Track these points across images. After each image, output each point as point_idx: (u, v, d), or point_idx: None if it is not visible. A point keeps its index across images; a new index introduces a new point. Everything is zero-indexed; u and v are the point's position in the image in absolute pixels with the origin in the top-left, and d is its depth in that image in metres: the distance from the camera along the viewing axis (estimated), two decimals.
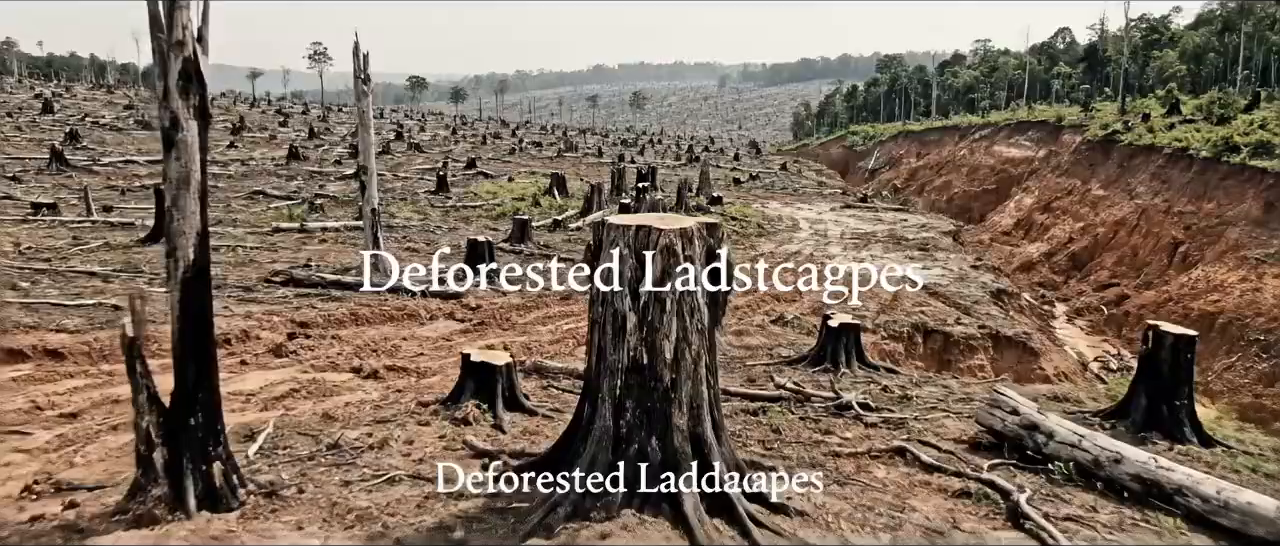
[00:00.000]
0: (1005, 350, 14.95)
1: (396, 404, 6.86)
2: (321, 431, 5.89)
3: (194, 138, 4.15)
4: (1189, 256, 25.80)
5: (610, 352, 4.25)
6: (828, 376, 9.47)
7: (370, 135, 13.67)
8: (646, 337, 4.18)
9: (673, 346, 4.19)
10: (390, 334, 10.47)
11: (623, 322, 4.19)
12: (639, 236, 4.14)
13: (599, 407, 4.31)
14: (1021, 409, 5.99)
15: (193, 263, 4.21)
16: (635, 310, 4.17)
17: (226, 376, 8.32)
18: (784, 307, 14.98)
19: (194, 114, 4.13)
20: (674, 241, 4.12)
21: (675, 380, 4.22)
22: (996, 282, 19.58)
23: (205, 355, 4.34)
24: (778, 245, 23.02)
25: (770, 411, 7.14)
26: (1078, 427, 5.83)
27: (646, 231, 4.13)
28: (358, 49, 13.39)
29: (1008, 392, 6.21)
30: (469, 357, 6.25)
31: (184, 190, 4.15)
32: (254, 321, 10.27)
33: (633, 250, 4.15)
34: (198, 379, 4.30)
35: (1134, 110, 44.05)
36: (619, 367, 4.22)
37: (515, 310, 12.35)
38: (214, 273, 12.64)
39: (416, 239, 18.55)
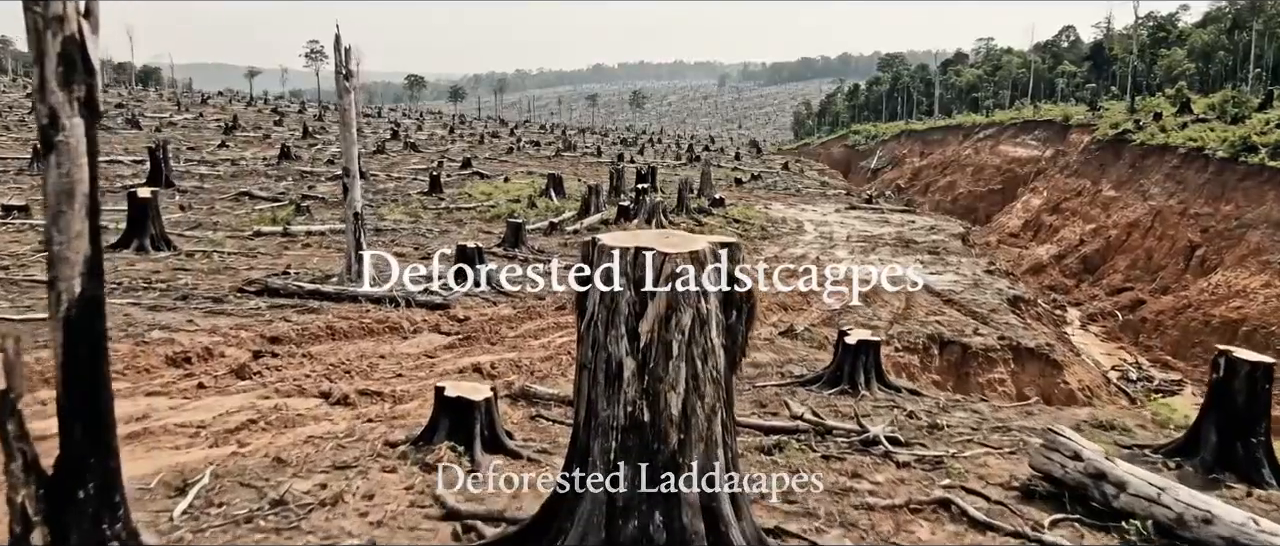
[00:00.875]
0: (1026, 362, 14.13)
1: (362, 441, 6.02)
2: (268, 481, 5.04)
3: (79, 139, 3.30)
4: (1207, 260, 24.95)
5: (603, 407, 3.40)
6: (846, 399, 8.64)
7: (353, 134, 12.83)
8: (648, 389, 3.33)
9: (681, 399, 3.35)
10: (368, 350, 9.62)
11: (618, 370, 3.34)
12: (638, 262, 3.29)
13: (589, 473, 3.46)
14: (1085, 453, 5.14)
15: (79, 296, 3.36)
16: (634, 355, 3.32)
17: (179, 402, 7.50)
18: (793, 318, 14.15)
19: (79, 109, 3.28)
20: (682, 269, 3.27)
21: (684, 441, 3.37)
22: (1013, 289, 18.74)
23: (99, 409, 3.49)
24: (782, 248, 22.20)
25: (787, 449, 6.29)
26: (1155, 477, 4.98)
27: (648, 256, 3.28)
28: (340, 42, 12.57)
29: (1067, 433, 5.37)
30: (443, 392, 5.40)
31: (66, 205, 3.30)
32: (220, 337, 9.42)
33: (631, 279, 3.30)
34: (89, 439, 3.44)
35: (1144, 109, 43.18)
36: (614, 426, 3.37)
37: (505, 322, 11.51)
38: (184, 282, 11.76)
39: (406, 242, 17.72)
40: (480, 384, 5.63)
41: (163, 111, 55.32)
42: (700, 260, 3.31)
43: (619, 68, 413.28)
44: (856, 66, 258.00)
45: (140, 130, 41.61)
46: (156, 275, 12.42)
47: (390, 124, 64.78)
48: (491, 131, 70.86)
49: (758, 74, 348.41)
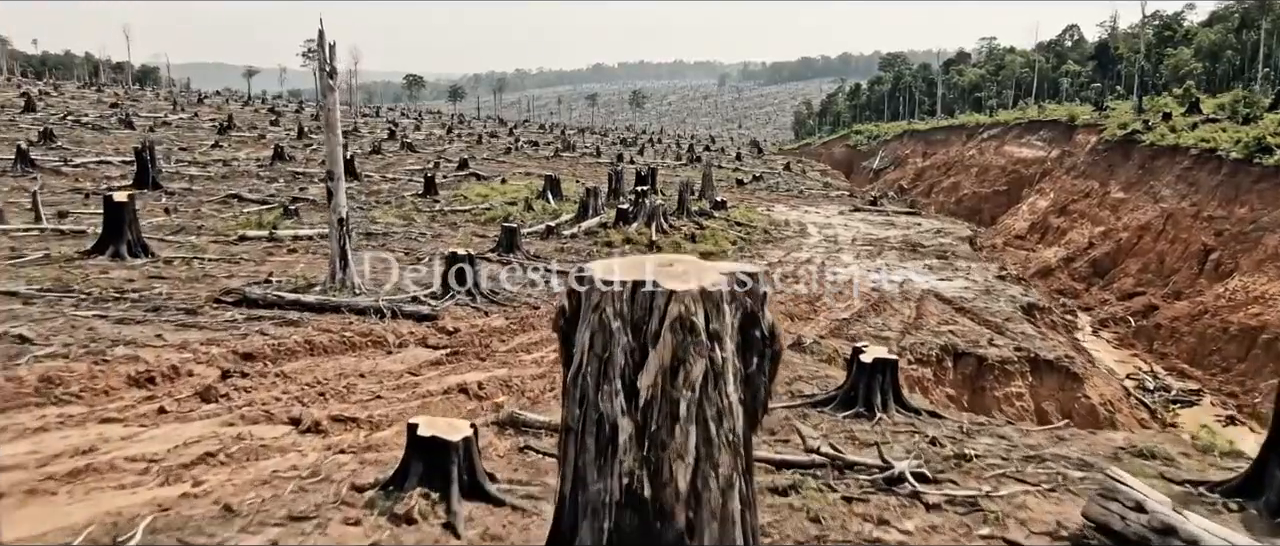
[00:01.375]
0: (1045, 375, 13.48)
1: (327, 482, 5.37)
2: (212, 538, 4.39)
3: None
4: (1222, 264, 24.29)
5: (593, 479, 2.75)
6: (862, 423, 8.00)
7: (338, 135, 12.18)
8: (649, 457, 2.68)
9: (690, 470, 2.70)
10: (348, 367, 8.97)
11: (612, 434, 2.70)
12: (638, 301, 2.64)
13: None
14: (1149, 504, 4.50)
15: None
16: (632, 415, 2.68)
17: (134, 431, 6.85)
18: (800, 328, 13.51)
19: None
20: (692, 309, 2.62)
21: (694, 521, 2.72)
22: (1026, 295, 18.09)
23: None
24: (786, 252, 21.54)
25: (804, 489, 5.64)
26: (1232, 534, 4.33)
27: (649, 293, 2.64)
28: (323, 38, 11.92)
29: (1126, 479, 4.72)
30: (416, 430, 4.75)
31: None
32: (189, 354, 8.76)
33: (628, 323, 2.65)
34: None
35: (1152, 109, 42.51)
36: (607, 502, 2.73)
37: (496, 334, 10.86)
38: (158, 292, 11.10)
39: (396, 247, 17.08)
40: (459, 421, 4.97)
41: (158, 111, 54.68)
42: (714, 298, 2.66)
43: (619, 67, 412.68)
44: (857, 66, 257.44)
45: (134, 130, 40.97)
46: (130, 284, 11.77)
47: (388, 124, 64.13)
48: (490, 131, 70.25)
49: (758, 73, 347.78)
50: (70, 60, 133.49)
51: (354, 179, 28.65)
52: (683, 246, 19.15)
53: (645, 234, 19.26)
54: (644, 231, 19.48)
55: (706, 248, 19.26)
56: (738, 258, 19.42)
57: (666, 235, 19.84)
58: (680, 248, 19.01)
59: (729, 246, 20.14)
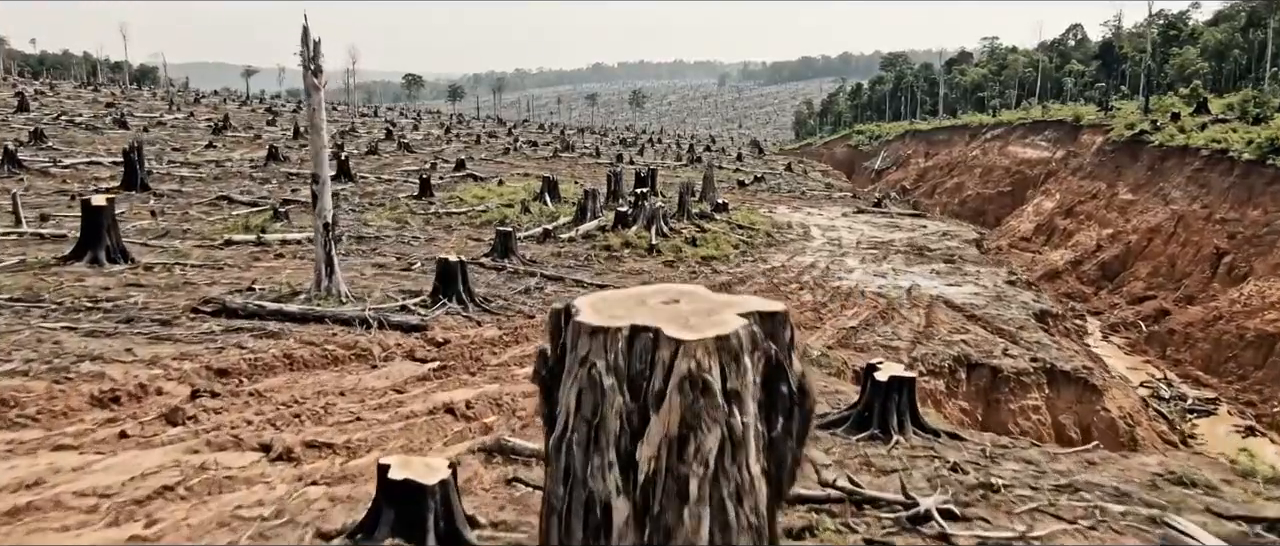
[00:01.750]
0: (1062, 387, 12.94)
1: (291, 524, 4.83)
2: None
3: None
4: (1235, 268, 23.75)
5: None
6: (877, 447, 7.47)
7: (323, 137, 11.64)
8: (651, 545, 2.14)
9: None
10: (328, 384, 8.42)
11: (605, 518, 2.16)
12: (637, 352, 2.10)
13: None
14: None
15: None
16: (629, 493, 2.14)
17: (89, 459, 6.30)
18: (806, 337, 12.96)
19: None
20: (705, 364, 2.08)
21: None
22: (1038, 302, 17.55)
23: None
24: (789, 256, 21.00)
25: (821, 531, 5.10)
26: None
27: (651, 342, 2.09)
28: (307, 35, 11.39)
29: (1191, 530, 4.17)
30: (387, 473, 4.21)
31: None
32: (159, 370, 8.22)
33: (624, 380, 2.11)
34: None
35: (1159, 109, 41.97)
36: None
37: (488, 346, 10.31)
38: (134, 301, 10.54)
39: (387, 251, 16.54)
40: (436, 460, 4.42)
41: (153, 111, 54.12)
42: (732, 349, 2.12)
43: (619, 67, 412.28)
44: (857, 65, 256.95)
45: (128, 130, 40.43)
46: (105, 292, 11.23)
47: (386, 124, 63.57)
48: (489, 131, 69.73)
49: (758, 73, 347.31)
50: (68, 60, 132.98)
51: (348, 180, 28.15)
52: (683, 250, 18.62)
53: (645, 237, 18.73)
54: (643, 235, 18.94)
55: (708, 252, 18.74)
56: (740, 262, 18.89)
57: (666, 238, 19.30)
58: (681, 251, 18.49)
59: (731, 250, 19.61)
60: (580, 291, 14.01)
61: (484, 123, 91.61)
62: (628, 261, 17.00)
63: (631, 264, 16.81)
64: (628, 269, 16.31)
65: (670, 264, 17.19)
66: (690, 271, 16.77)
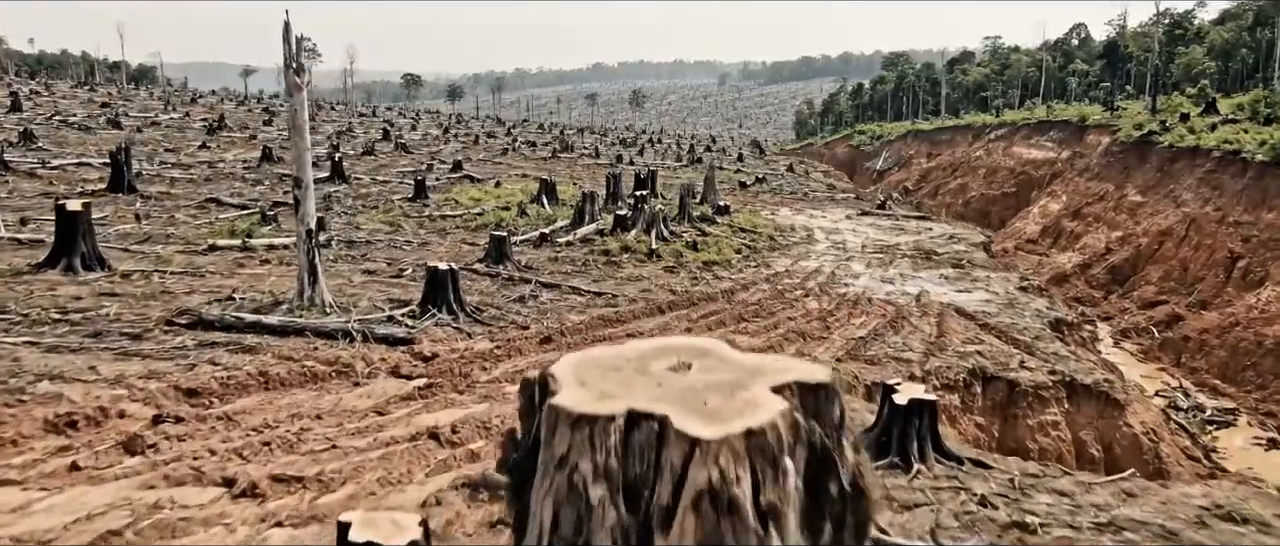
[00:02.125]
0: (1082, 402, 12.34)
1: None
2: None
3: None
4: (1250, 272, 23.16)
5: None
6: (898, 477, 6.91)
7: (305, 140, 11.06)
8: None
9: None
10: (304, 405, 7.84)
11: None
12: (635, 450, 1.51)
13: None
14: None
15: None
16: None
17: (33, 496, 5.72)
18: (813, 348, 12.39)
19: None
20: (729, 473, 1.49)
21: None
22: (1052, 310, 16.96)
23: None
24: (793, 261, 20.39)
25: None
26: None
27: (656, 436, 1.50)
28: (288, 31, 10.81)
29: None
30: (347, 534, 3.63)
31: None
32: (123, 390, 7.65)
33: (618, 487, 1.52)
34: None
35: (1167, 109, 41.37)
36: None
37: (479, 360, 9.73)
38: (106, 312, 9.94)
39: (378, 257, 15.95)
40: (404, 516, 3.84)
41: (149, 111, 53.54)
42: (768, 448, 1.53)
43: (619, 67, 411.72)
44: (858, 65, 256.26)
45: (122, 130, 39.84)
46: (77, 302, 10.66)
47: (383, 123, 62.98)
48: (488, 131, 69.12)
49: (758, 73, 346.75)
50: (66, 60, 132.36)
51: (342, 182, 27.59)
52: (684, 255, 18.03)
53: (644, 242, 18.15)
54: (643, 239, 18.35)
55: (710, 256, 18.15)
56: (743, 267, 18.30)
57: (667, 243, 18.72)
58: (681, 256, 17.90)
59: (733, 255, 19.01)
60: (577, 298, 13.42)
61: (483, 123, 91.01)
62: (627, 267, 16.42)
63: (631, 269, 16.23)
64: (626, 275, 15.74)
65: (670, 269, 16.61)
66: (691, 277, 16.19)
